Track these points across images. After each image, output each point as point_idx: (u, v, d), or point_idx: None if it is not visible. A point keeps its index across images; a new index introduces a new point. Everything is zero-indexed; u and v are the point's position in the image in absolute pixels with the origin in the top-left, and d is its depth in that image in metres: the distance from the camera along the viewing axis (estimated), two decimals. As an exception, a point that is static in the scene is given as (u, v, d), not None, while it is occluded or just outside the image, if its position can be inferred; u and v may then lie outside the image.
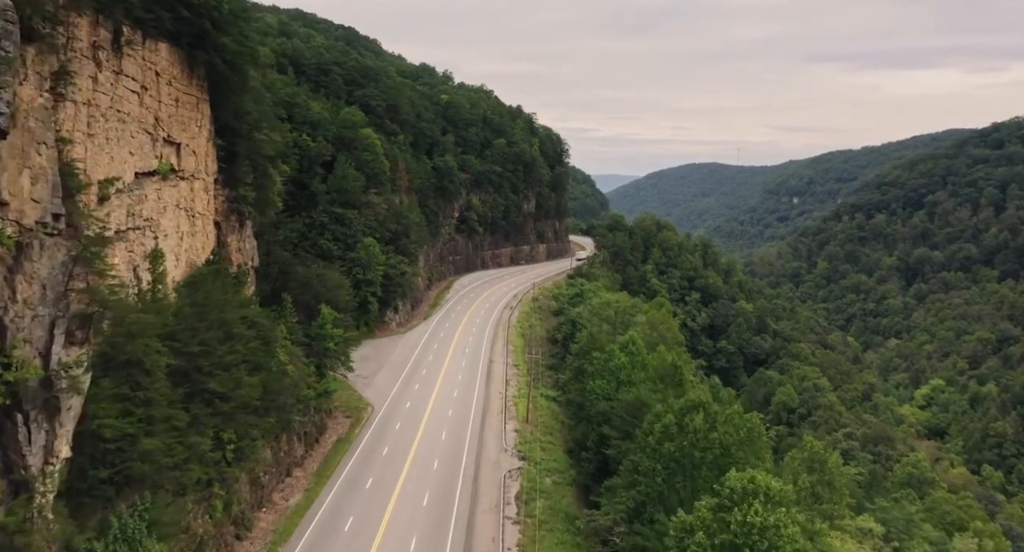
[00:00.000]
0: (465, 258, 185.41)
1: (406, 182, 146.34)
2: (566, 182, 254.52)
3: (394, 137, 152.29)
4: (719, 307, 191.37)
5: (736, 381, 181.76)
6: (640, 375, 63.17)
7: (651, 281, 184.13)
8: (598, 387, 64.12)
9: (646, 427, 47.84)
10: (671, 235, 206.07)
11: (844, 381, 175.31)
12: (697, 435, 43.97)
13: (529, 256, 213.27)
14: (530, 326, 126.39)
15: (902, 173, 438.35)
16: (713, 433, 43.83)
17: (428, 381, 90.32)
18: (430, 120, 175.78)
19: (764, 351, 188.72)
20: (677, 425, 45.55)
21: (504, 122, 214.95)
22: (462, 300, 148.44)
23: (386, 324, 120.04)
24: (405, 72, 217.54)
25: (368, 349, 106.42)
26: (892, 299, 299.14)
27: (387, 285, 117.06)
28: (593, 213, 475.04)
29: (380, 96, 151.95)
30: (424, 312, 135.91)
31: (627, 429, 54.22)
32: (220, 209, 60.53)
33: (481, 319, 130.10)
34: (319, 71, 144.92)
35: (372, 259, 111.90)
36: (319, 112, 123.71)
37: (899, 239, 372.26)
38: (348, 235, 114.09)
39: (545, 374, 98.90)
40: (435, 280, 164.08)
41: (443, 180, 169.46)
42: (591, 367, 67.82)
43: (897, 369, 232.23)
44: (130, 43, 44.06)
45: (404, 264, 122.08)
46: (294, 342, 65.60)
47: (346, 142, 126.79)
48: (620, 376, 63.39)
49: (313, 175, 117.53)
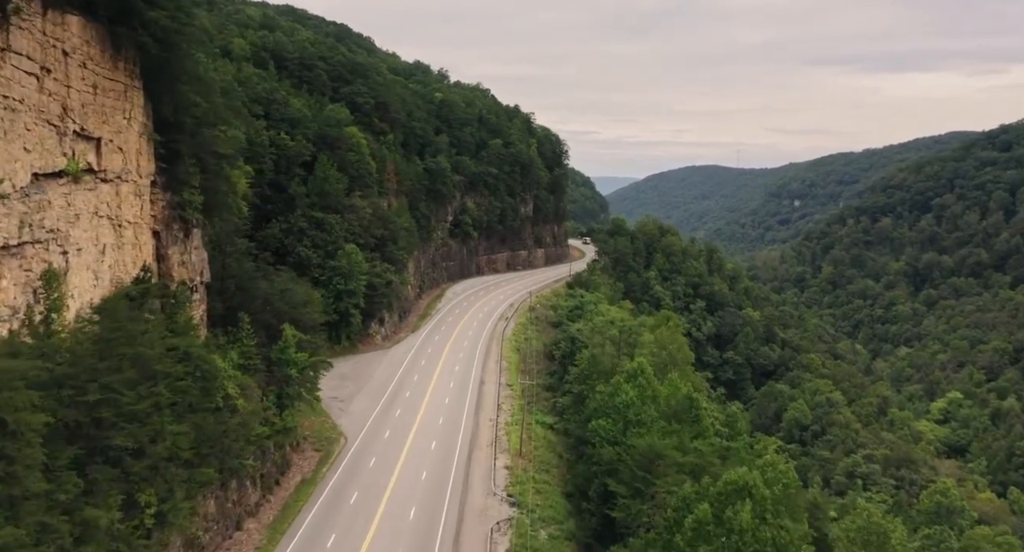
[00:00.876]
0: (459, 264, 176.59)
1: (395, 184, 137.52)
2: (565, 184, 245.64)
3: (383, 137, 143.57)
4: (725, 316, 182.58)
5: (743, 393, 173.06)
6: (651, 411, 54.38)
7: (654, 288, 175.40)
8: (603, 428, 55.17)
9: (671, 515, 38.53)
10: (675, 240, 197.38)
11: (858, 395, 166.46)
12: (744, 536, 34.03)
13: (526, 261, 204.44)
14: (526, 339, 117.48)
15: (908, 176, 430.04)
16: (764, 530, 33.77)
17: (411, 406, 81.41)
18: (422, 119, 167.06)
19: (772, 362, 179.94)
20: (714, 518, 35.59)
21: (501, 122, 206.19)
22: (454, 310, 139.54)
23: (370, 338, 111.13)
24: (397, 70, 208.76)
25: (348, 367, 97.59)
26: (901, 305, 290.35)
27: (371, 296, 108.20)
28: (593, 215, 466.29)
29: (368, 93, 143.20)
30: (413, 323, 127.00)
31: (638, 486, 45.36)
32: (160, 216, 51.64)
33: (474, 332, 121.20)
34: (302, 66, 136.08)
35: (354, 268, 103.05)
36: (299, 109, 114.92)
37: (906, 243, 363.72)
38: (328, 241, 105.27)
39: (541, 395, 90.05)
40: (427, 288, 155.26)
41: (435, 182, 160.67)
42: (594, 402, 58.96)
43: (910, 380, 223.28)
44: (18, 11, 35.22)
45: (390, 272, 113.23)
46: (251, 370, 56.68)
47: (329, 141, 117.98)
48: (628, 415, 54.53)
49: (292, 176, 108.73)
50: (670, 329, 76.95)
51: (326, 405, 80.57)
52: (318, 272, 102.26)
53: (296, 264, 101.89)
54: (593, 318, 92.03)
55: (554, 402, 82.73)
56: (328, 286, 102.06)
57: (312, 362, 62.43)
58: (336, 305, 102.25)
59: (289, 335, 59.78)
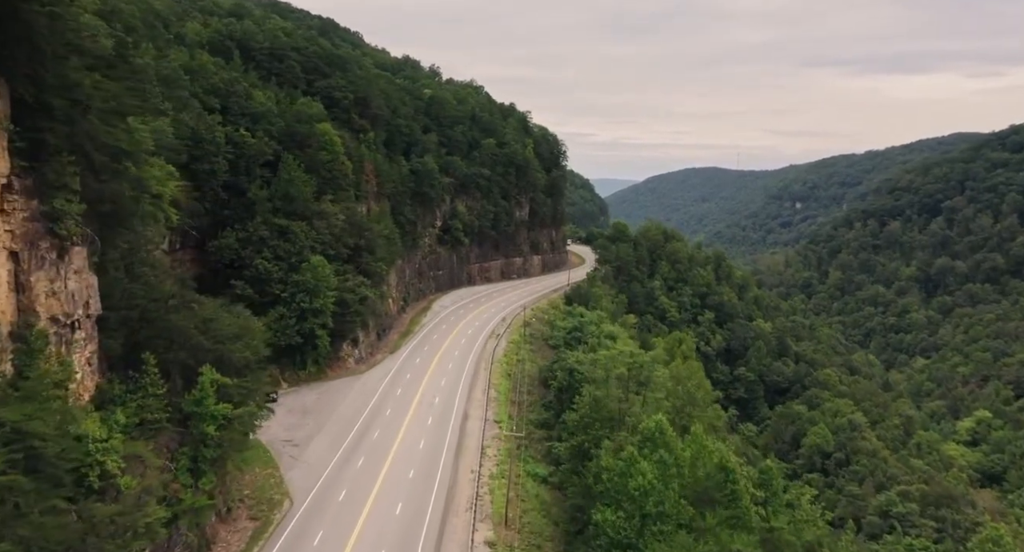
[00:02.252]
0: (448, 273, 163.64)
1: (374, 187, 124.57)
2: (563, 187, 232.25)
3: (363, 135, 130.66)
4: (736, 328, 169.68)
5: (756, 413, 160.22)
6: (673, 496, 41.56)
7: (659, 299, 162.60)
8: (611, 524, 41.81)
9: None
10: (680, 246, 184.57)
11: (880, 416, 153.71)
12: None
13: (522, 269, 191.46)
14: (518, 360, 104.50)
15: (916, 178, 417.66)
16: None
17: (379, 451, 68.41)
18: (408, 116, 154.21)
19: (786, 378, 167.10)
20: None
21: (495, 121, 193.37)
22: (441, 325, 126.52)
23: (342, 361, 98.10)
24: (385, 65, 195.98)
25: (312, 398, 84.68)
26: (914, 313, 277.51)
27: (342, 314, 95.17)
28: (592, 218, 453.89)
29: (347, 88, 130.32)
30: (393, 342, 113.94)
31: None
32: (19, 232, 38.64)
33: (460, 352, 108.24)
34: (272, 57, 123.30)
35: (321, 282, 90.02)
36: (263, 103, 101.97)
37: (916, 247, 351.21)
38: (292, 252, 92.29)
39: (534, 434, 77.01)
40: (412, 300, 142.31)
41: (422, 184, 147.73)
42: (600, 482, 45.71)
43: (930, 395, 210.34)
44: None
45: (365, 287, 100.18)
46: (153, 429, 43.70)
47: (297, 139, 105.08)
48: (646, 506, 41.44)
49: (252, 178, 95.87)
50: (686, 360, 64.04)
51: (276, 451, 67.71)
52: (279, 288, 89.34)
53: (254, 279, 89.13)
54: (595, 347, 79.03)
55: (549, 447, 69.68)
56: (290, 304, 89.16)
57: (240, 414, 49.24)
58: (299, 326, 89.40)
59: (207, 381, 46.63)
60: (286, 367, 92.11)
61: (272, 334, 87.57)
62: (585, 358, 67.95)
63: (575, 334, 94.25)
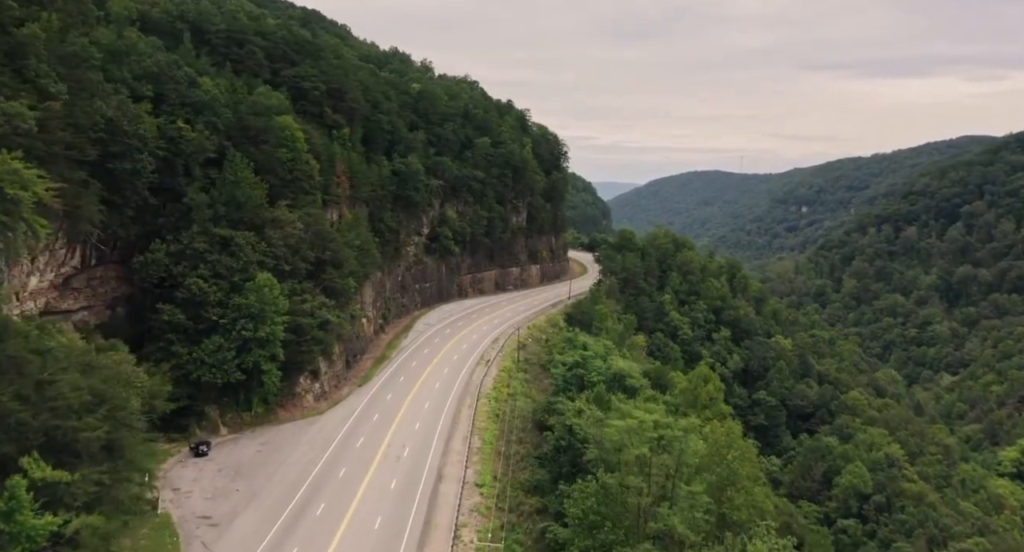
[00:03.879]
0: (437, 285, 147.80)
1: (347, 190, 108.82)
2: (564, 190, 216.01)
3: (336, 131, 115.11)
4: (754, 346, 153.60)
5: (778, 441, 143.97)
6: None
7: (670, 315, 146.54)
8: None
9: None
10: (692, 255, 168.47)
11: (918, 446, 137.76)
12: None
13: (519, 280, 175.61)
14: (510, 395, 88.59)
15: (931, 181, 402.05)
16: None
17: (322, 534, 52.50)
18: (392, 112, 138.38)
19: (810, 402, 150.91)
20: None
21: (490, 118, 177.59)
22: (423, 348, 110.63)
23: (298, 399, 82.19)
24: (369, 57, 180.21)
25: (251, 450, 68.92)
26: (937, 325, 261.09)
27: (297, 342, 79.37)
28: (594, 223, 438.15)
29: (318, 77, 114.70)
30: (365, 371, 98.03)
31: None
32: None
33: (442, 384, 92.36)
34: (230, 41, 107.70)
35: (268, 306, 74.21)
36: (208, 90, 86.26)
37: (934, 254, 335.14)
38: (235, 269, 76.52)
39: (525, 505, 60.94)
40: (393, 317, 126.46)
41: (406, 187, 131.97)
42: None
43: (963, 417, 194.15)
44: None
45: (327, 309, 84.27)
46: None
47: (251, 134, 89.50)
48: None
49: (191, 180, 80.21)
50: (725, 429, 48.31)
51: (188, 534, 51.82)
52: (216, 313, 73.52)
53: (186, 302, 73.35)
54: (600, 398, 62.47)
55: (544, 529, 53.51)
56: (230, 333, 73.35)
57: (84, 527, 33.22)
58: (241, 359, 73.54)
59: (19, 486, 30.69)
60: (227, 408, 76.36)
61: (206, 370, 72.42)
62: (590, 425, 52.19)
63: (577, 372, 78.14)
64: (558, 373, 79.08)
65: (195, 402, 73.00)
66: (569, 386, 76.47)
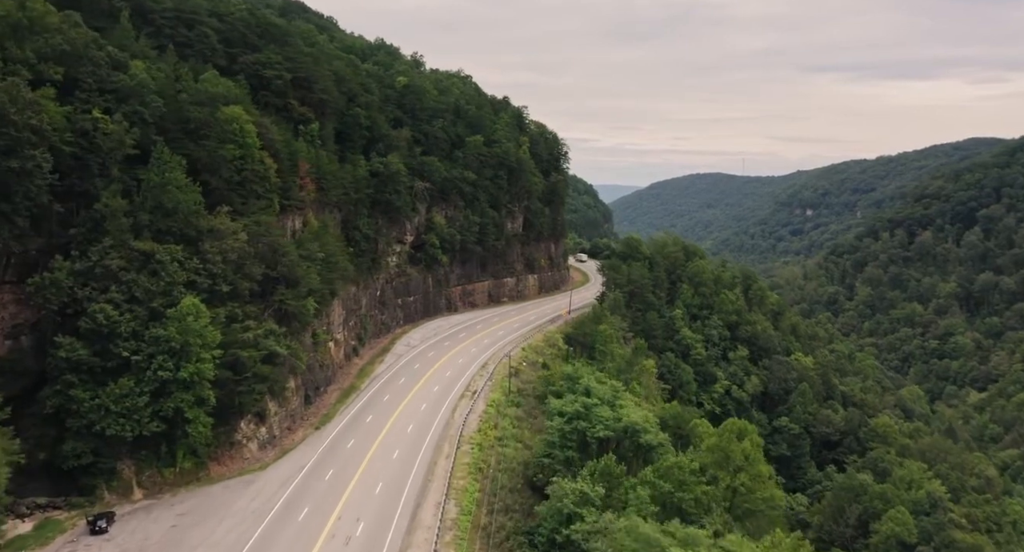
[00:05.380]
0: (422, 299, 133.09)
1: (312, 193, 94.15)
2: (564, 193, 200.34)
3: (303, 126, 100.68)
4: (773, 367, 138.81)
5: (802, 474, 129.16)
6: None
7: (681, 333, 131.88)
8: None
9: None
10: (704, 265, 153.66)
11: (959, 480, 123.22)
12: None
13: (514, 291, 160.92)
14: (498, 441, 73.94)
15: (945, 184, 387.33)
16: None
17: None
18: (373, 107, 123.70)
19: (836, 428, 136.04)
20: None
21: (483, 115, 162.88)
22: (400, 376, 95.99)
23: (237, 448, 67.48)
24: (352, 48, 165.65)
25: (165, 522, 54.26)
26: (960, 336, 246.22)
27: (237, 381, 64.79)
28: (595, 227, 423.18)
29: (282, 65, 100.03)
30: (328, 407, 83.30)
31: None
32: None
33: (417, 425, 77.64)
34: (178, 21, 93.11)
35: (193, 339, 59.63)
36: (135, 74, 71.76)
37: (952, 260, 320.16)
38: (156, 292, 61.93)
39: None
40: (371, 337, 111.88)
41: (386, 190, 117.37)
42: None
43: (998, 441, 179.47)
44: None
45: (276, 338, 69.63)
46: None
47: (189, 128, 75.04)
48: None
49: (108, 181, 65.70)
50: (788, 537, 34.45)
51: None
52: (128, 348, 58.93)
53: (92, 334, 58.76)
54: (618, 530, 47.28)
55: None
56: (144, 373, 58.76)
57: None
58: (157, 405, 58.96)
59: None
60: (145, 464, 61.71)
61: (112, 421, 57.74)
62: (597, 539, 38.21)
63: (578, 426, 62.83)
64: (555, 426, 64.04)
65: (102, 458, 58.58)
66: (568, 443, 61.64)
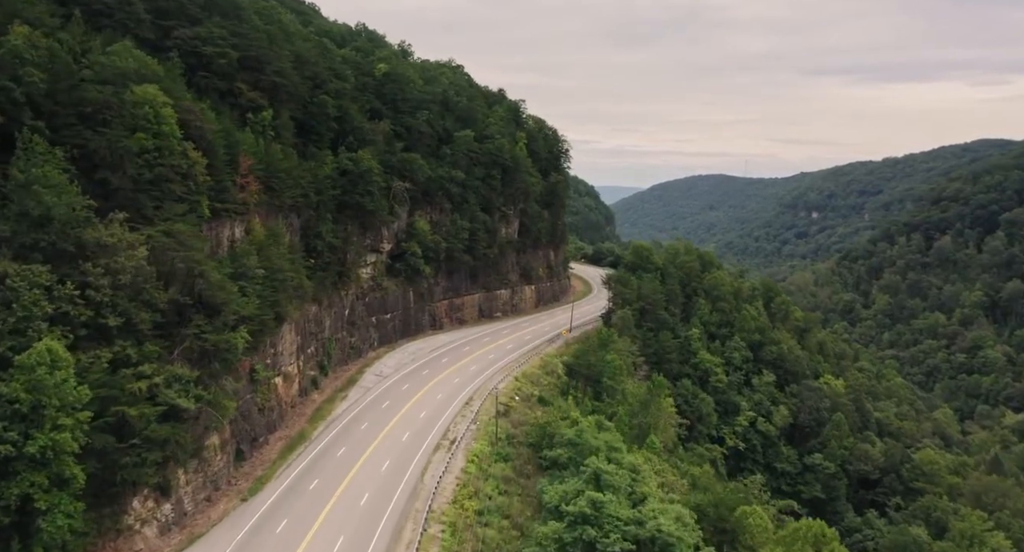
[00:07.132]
0: (401, 316, 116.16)
1: (257, 194, 77.08)
2: (565, 195, 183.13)
3: (253, 114, 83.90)
4: (803, 394, 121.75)
5: (838, 519, 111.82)
6: None
7: (699, 355, 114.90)
8: None
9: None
10: (722, 277, 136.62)
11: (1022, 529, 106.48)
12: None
13: (509, 305, 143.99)
14: (479, 514, 56.95)
15: (963, 186, 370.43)
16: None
17: None
18: (344, 95, 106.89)
19: (875, 464, 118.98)
20: None
21: (475, 107, 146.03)
22: (362, 419, 78.84)
23: (128, 537, 50.35)
24: (330, 33, 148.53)
25: None
26: (989, 349, 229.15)
27: (120, 449, 47.90)
28: (597, 229, 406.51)
29: (226, 41, 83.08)
30: (265, 465, 66.17)
31: None
32: None
33: (376, 493, 60.53)
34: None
35: (48, 398, 42.72)
36: (8, 40, 54.89)
37: (973, 267, 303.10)
38: (5, 332, 44.98)
39: None
40: (337, 364, 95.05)
41: (357, 191, 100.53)
42: None
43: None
44: None
45: (180, 390, 52.59)
46: None
47: (84, 111, 58.16)
48: None
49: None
50: None
51: None
52: (-49, 413, 41.96)
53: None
54: None
55: None
56: (-29, 449, 41.82)
57: None
58: None
59: None
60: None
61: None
62: None
63: (584, 534, 45.02)
64: (549, 534, 46.28)
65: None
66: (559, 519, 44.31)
